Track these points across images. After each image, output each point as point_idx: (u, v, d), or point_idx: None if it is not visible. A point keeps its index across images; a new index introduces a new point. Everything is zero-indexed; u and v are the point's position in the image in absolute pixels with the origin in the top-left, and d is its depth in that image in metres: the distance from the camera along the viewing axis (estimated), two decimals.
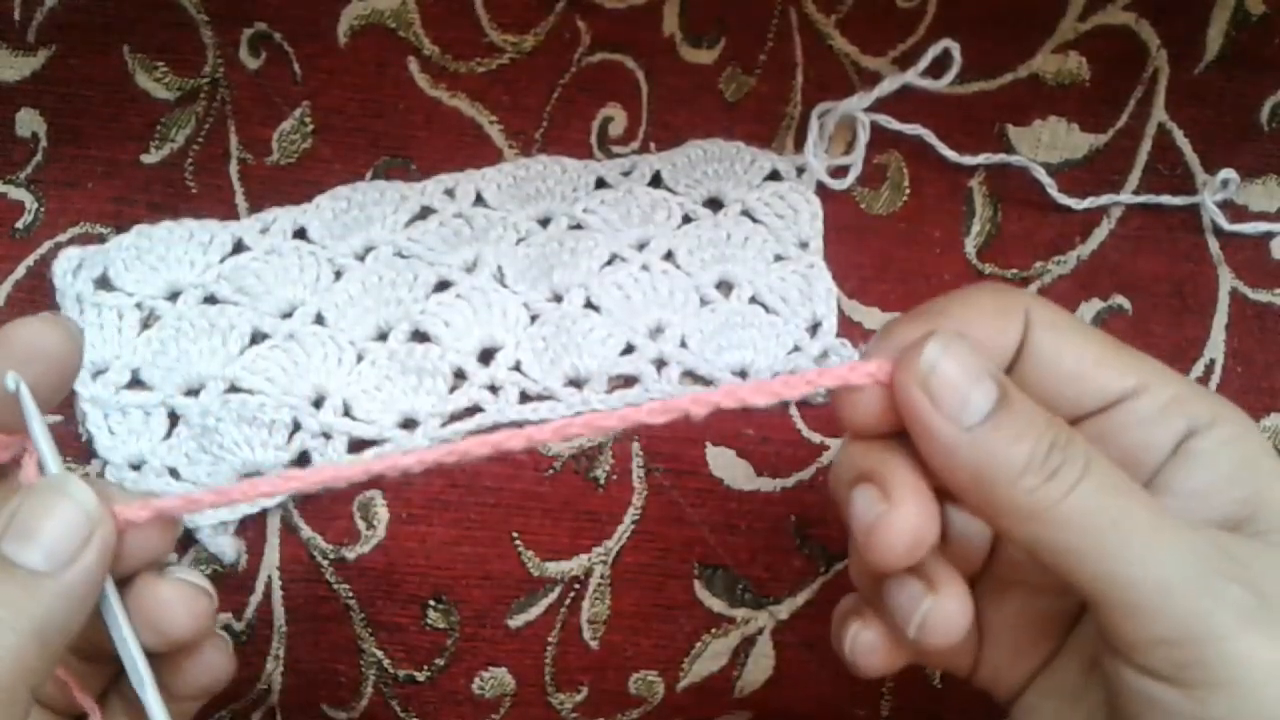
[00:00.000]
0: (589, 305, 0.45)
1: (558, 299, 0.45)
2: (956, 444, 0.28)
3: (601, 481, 0.44)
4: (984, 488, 0.28)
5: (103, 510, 0.29)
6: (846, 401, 0.30)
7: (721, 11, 0.48)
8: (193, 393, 0.44)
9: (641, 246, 0.46)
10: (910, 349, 0.29)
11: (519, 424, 0.44)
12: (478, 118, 0.47)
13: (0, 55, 0.47)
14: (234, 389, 0.43)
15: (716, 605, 0.44)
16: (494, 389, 0.44)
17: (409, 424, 0.44)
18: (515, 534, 0.44)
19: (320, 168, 0.47)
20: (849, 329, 0.46)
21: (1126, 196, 0.48)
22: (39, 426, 0.30)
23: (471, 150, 0.47)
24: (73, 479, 0.29)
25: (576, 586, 0.43)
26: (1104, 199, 0.48)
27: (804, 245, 0.47)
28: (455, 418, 0.44)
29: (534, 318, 0.45)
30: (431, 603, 0.43)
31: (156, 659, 0.31)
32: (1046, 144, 0.48)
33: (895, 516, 0.29)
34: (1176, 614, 0.27)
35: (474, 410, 0.44)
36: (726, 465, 0.45)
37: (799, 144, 0.48)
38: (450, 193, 0.47)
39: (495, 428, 0.44)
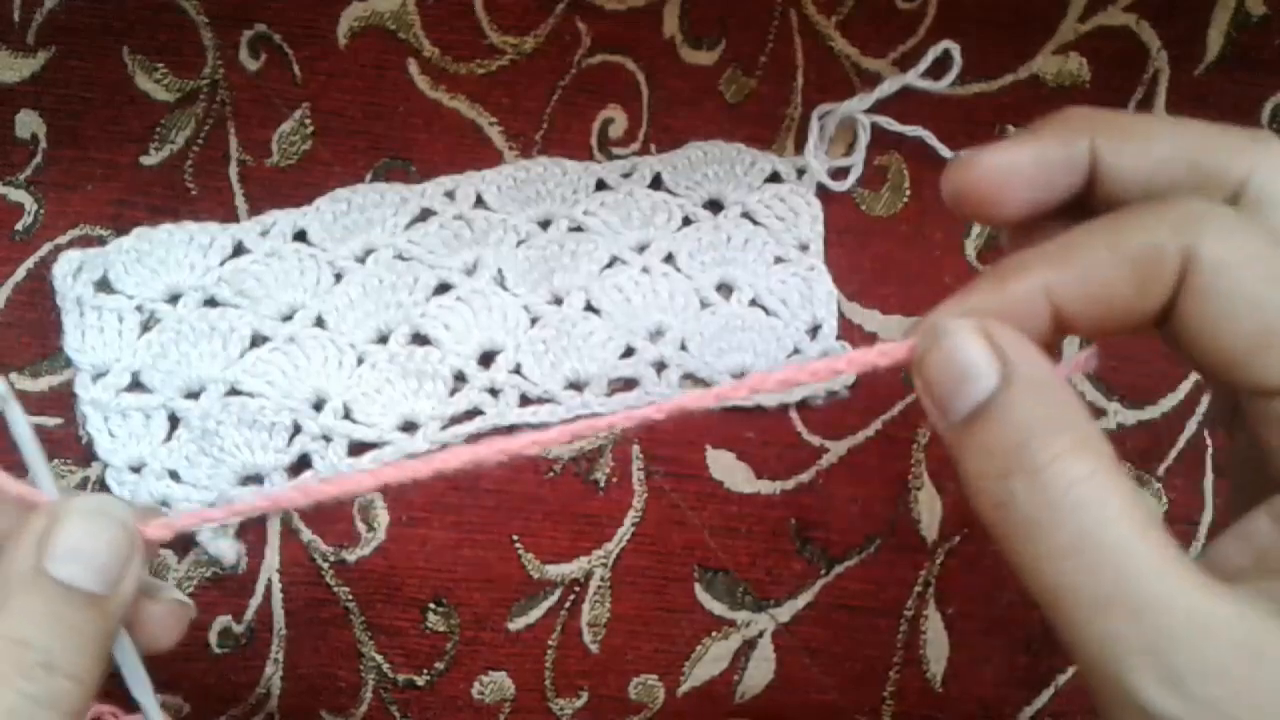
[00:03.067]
0: (589, 308, 0.45)
1: (558, 302, 0.45)
2: (943, 434, 0.28)
3: (602, 484, 0.44)
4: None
5: (137, 530, 0.29)
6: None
7: (722, 13, 0.48)
8: (193, 395, 0.44)
9: (642, 249, 0.46)
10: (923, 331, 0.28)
11: (536, 427, 0.44)
12: (478, 119, 0.47)
13: (0, 57, 0.46)
14: (234, 392, 0.43)
15: (717, 608, 0.44)
16: (494, 392, 0.44)
17: (409, 427, 0.44)
18: (515, 537, 0.44)
19: (320, 170, 0.47)
20: (849, 331, 0.46)
21: None
22: (34, 446, 0.30)
23: (471, 152, 0.47)
24: (112, 500, 0.30)
25: (576, 589, 0.43)
26: None
27: (804, 248, 0.47)
28: (455, 421, 0.44)
29: (534, 320, 0.45)
30: (432, 606, 0.43)
31: None
32: None
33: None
34: None
35: (474, 413, 0.44)
36: (727, 468, 0.45)
37: (799, 145, 0.48)
38: (450, 195, 0.47)
39: (496, 431, 0.44)
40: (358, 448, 0.43)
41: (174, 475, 0.43)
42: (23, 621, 0.27)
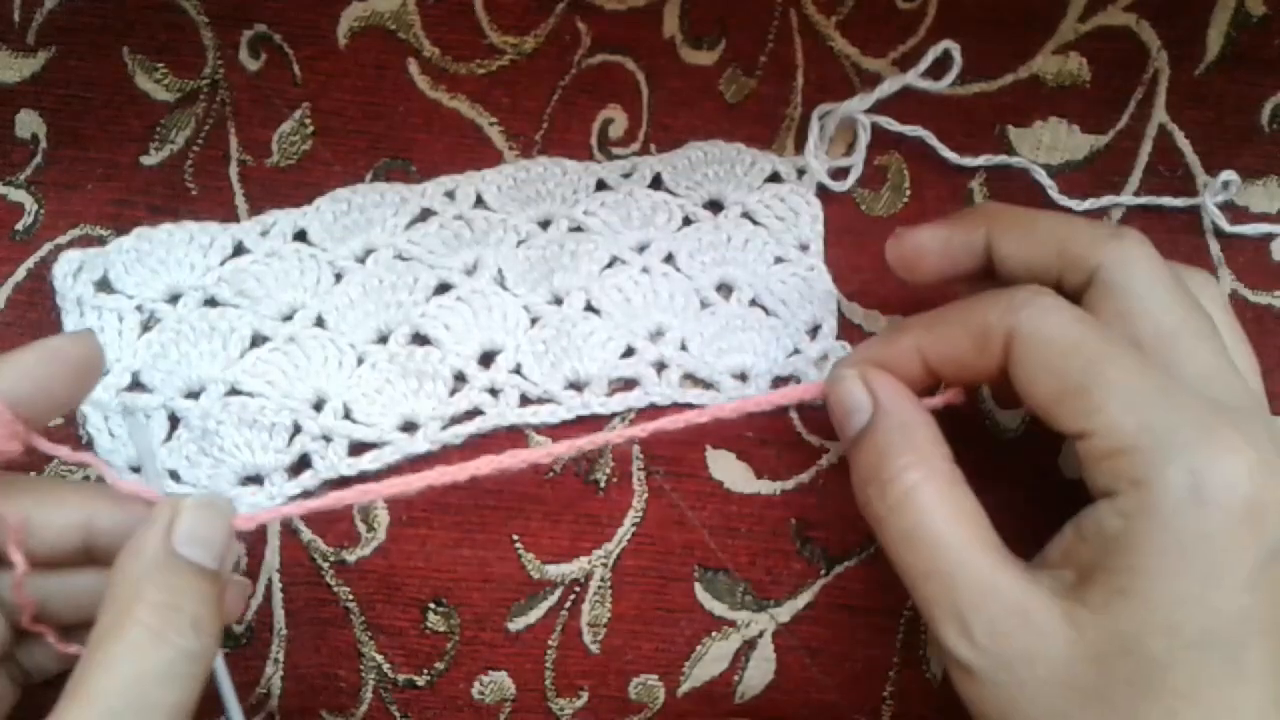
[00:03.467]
0: (589, 308, 0.45)
1: (558, 302, 0.45)
2: (844, 451, 0.38)
3: (602, 484, 0.44)
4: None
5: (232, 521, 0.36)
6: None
7: (722, 13, 0.48)
8: (193, 395, 0.44)
9: (642, 249, 0.46)
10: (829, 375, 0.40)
11: (536, 427, 0.45)
12: (478, 119, 0.47)
13: (0, 57, 0.47)
14: (234, 392, 0.43)
15: (717, 608, 0.44)
16: (494, 392, 0.44)
17: (409, 427, 0.44)
18: (515, 537, 0.44)
19: (320, 170, 0.47)
20: (848, 331, 0.46)
21: (1127, 198, 0.48)
22: (151, 452, 0.39)
23: (471, 152, 0.47)
24: (216, 494, 0.39)
25: (577, 589, 0.44)
26: (1104, 200, 0.48)
27: (804, 248, 0.47)
28: (456, 421, 0.44)
29: (534, 320, 0.45)
30: (432, 605, 0.43)
31: None
32: (1047, 145, 0.48)
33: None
34: None
35: (474, 413, 0.44)
36: (726, 468, 0.45)
37: (799, 145, 0.48)
38: (450, 195, 0.47)
39: (495, 431, 0.44)
40: (358, 448, 0.43)
41: (174, 475, 0.43)
42: (171, 591, 0.32)
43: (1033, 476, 0.44)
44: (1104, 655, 0.32)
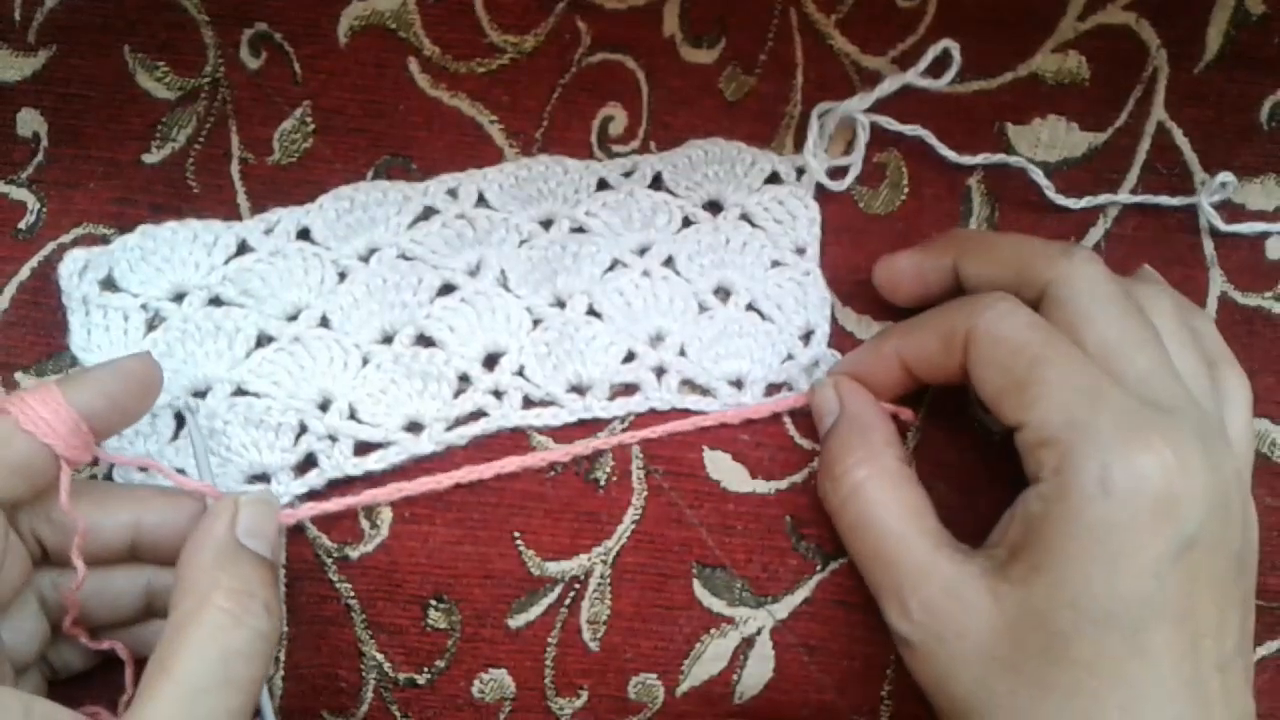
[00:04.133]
0: (591, 311, 0.45)
1: (560, 304, 0.46)
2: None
3: (602, 483, 0.45)
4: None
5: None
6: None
7: (721, 12, 0.48)
8: (199, 395, 0.44)
9: (642, 251, 0.46)
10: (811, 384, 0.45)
11: (539, 429, 0.45)
12: (478, 118, 0.47)
13: (1, 56, 0.47)
14: (240, 392, 0.44)
15: (715, 605, 0.44)
16: (498, 394, 0.45)
17: (414, 428, 0.44)
18: (516, 534, 0.44)
19: (321, 168, 0.47)
20: (842, 337, 0.47)
21: (1124, 196, 0.48)
22: (205, 449, 0.42)
23: (472, 150, 0.47)
24: (268, 490, 0.43)
25: (576, 586, 0.44)
26: (1101, 199, 0.48)
27: (801, 251, 0.47)
28: (460, 422, 0.44)
29: (537, 323, 0.45)
30: (433, 602, 0.44)
31: None
32: (1046, 143, 0.49)
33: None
34: None
35: (478, 415, 0.44)
36: (723, 468, 0.45)
37: (799, 144, 0.48)
38: (453, 193, 0.47)
39: (499, 432, 0.45)
40: (363, 448, 0.44)
41: (180, 473, 0.43)
42: (243, 578, 0.36)
43: (1017, 475, 0.44)
44: (1019, 627, 0.36)
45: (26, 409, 0.36)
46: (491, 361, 0.45)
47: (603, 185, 0.47)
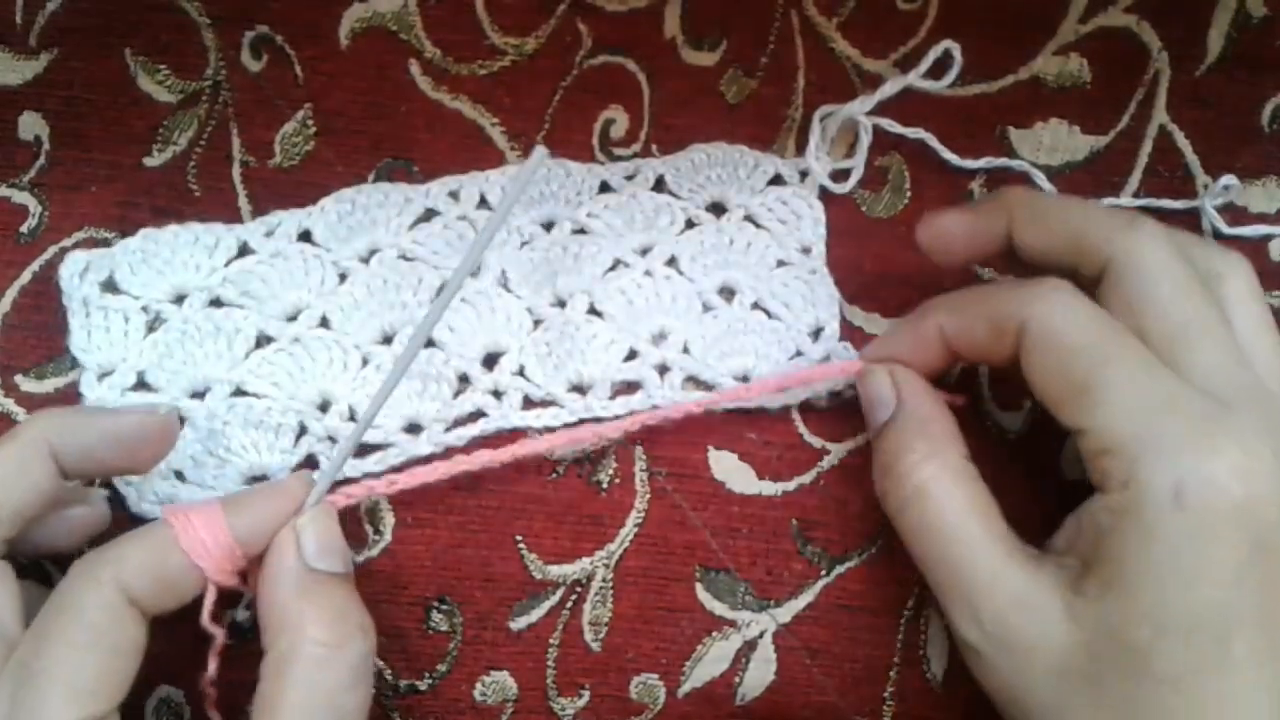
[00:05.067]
0: (592, 311, 0.45)
1: (561, 304, 0.45)
2: (870, 439, 0.42)
3: (604, 485, 0.45)
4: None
5: None
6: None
7: (723, 14, 0.48)
8: (199, 395, 0.44)
9: (644, 252, 0.46)
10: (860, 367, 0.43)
11: (539, 430, 0.45)
12: (479, 120, 0.47)
13: (2, 59, 0.47)
14: (240, 392, 0.44)
15: (718, 608, 0.44)
16: (498, 394, 0.44)
17: (413, 428, 0.44)
18: (518, 537, 0.44)
19: (322, 170, 0.47)
20: (850, 334, 0.46)
21: (1125, 200, 0.48)
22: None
23: (473, 152, 0.47)
24: (320, 498, 0.39)
25: (579, 589, 0.44)
26: (1103, 202, 0.48)
27: (806, 250, 0.47)
28: (459, 423, 0.44)
29: (537, 323, 0.45)
30: (435, 604, 0.44)
31: None
32: (1048, 146, 0.49)
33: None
34: None
35: (478, 415, 0.44)
36: (728, 469, 0.45)
37: (800, 146, 0.48)
38: (454, 195, 0.47)
39: (499, 433, 0.44)
40: (363, 449, 0.44)
41: (179, 475, 0.43)
42: (330, 605, 0.35)
43: (1036, 476, 0.44)
44: (1096, 644, 0.34)
45: (189, 528, 0.35)
46: (491, 361, 0.45)
47: (605, 188, 0.47)
